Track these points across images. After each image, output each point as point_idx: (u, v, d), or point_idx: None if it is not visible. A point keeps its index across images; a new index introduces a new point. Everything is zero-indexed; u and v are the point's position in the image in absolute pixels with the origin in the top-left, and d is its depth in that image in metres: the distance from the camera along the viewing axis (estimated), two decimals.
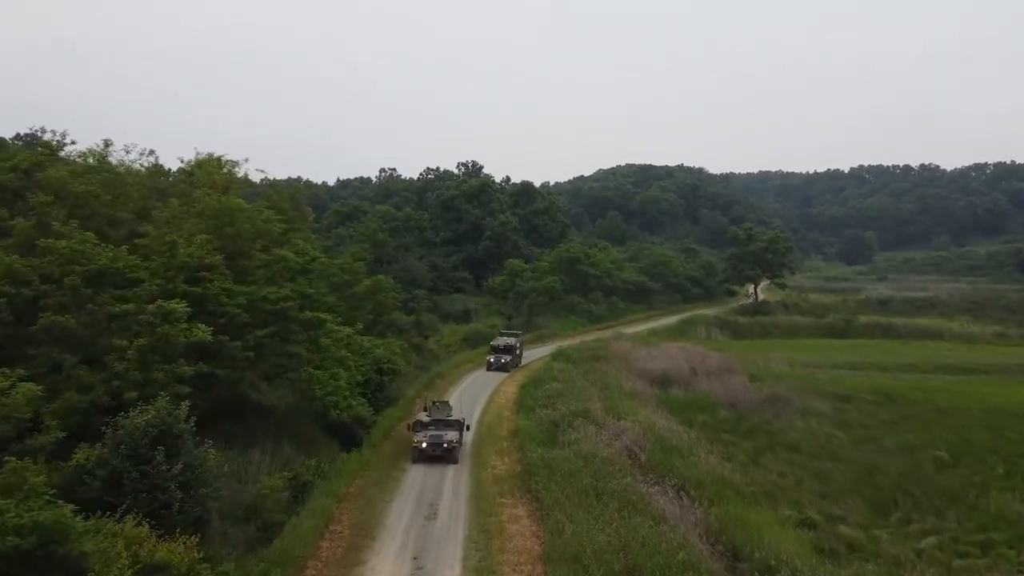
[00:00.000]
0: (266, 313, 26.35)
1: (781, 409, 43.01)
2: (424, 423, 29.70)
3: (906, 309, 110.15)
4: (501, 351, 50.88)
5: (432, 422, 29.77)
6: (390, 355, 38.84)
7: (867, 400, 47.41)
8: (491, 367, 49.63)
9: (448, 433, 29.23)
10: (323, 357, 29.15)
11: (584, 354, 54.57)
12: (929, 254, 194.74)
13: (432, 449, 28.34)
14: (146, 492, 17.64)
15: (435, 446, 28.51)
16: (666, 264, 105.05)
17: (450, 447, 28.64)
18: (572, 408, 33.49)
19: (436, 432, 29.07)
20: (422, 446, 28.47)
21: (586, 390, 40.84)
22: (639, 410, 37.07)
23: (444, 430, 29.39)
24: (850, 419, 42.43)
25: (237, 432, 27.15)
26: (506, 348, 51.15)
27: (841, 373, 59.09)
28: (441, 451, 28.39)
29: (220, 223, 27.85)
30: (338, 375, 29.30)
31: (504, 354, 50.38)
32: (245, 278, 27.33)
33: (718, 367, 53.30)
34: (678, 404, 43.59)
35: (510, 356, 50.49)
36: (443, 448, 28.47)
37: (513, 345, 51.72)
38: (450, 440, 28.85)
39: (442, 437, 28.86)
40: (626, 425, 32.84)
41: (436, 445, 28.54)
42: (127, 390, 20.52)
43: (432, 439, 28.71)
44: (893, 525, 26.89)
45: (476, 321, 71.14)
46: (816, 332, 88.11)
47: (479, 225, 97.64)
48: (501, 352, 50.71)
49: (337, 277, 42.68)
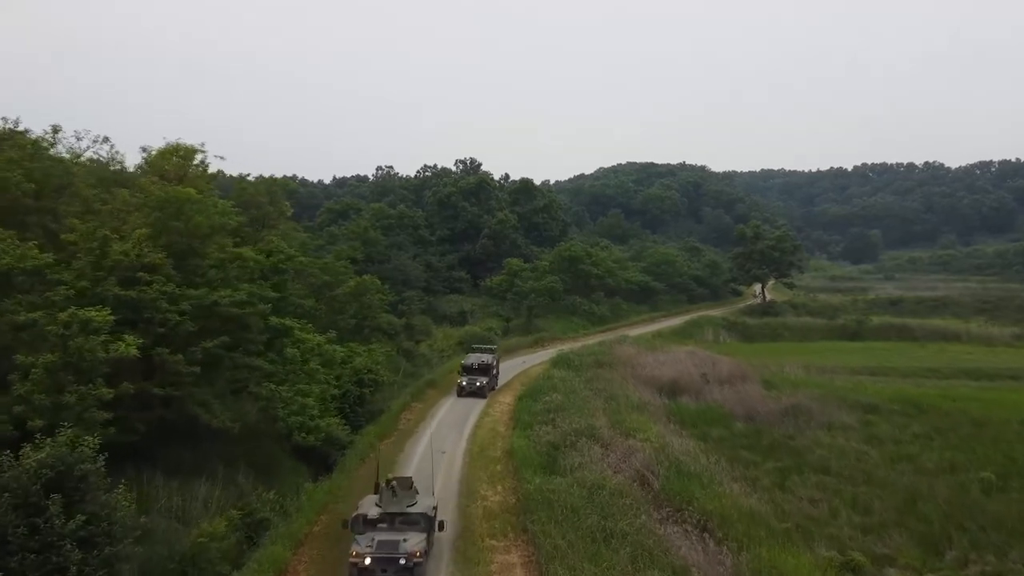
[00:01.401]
0: (219, 320, 22.56)
1: (803, 422, 39.26)
2: (369, 521, 18.11)
3: (919, 309, 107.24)
4: (475, 372, 42.15)
5: (382, 518, 18.18)
6: (372, 364, 35.01)
7: (894, 411, 43.60)
8: (463, 392, 40.87)
9: (407, 539, 17.56)
10: (289, 370, 25.32)
11: (587, 360, 50.84)
12: (936, 253, 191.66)
13: (381, 571, 17.04)
14: (36, 552, 13.92)
15: (386, 564, 17.02)
16: (670, 263, 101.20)
17: (410, 564, 17.07)
18: (574, 425, 29.67)
19: (387, 538, 17.55)
20: (364, 564, 17.03)
21: (590, 402, 37.10)
22: (649, 425, 33.31)
23: (400, 533, 17.76)
24: (880, 433, 38.66)
25: (186, 459, 23.47)
26: (481, 368, 42.49)
27: (861, 379, 55.42)
28: (395, 573, 17.05)
29: (166, 216, 24.00)
30: (306, 391, 25.47)
31: (479, 375, 41.92)
32: (195, 280, 23.52)
33: (730, 374, 49.59)
34: (690, 416, 39.93)
35: (486, 378, 42.10)
36: (399, 568, 17.03)
37: (489, 364, 43.30)
38: (409, 552, 17.15)
39: (397, 547, 17.24)
40: (636, 445, 29.09)
41: (388, 562, 17.02)
42: (32, 417, 16.75)
43: (380, 552, 17.15)
44: (949, 567, 23.13)
45: (472, 324, 67.37)
46: (828, 334, 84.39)
47: (477, 223, 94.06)
48: (475, 373, 42.03)
49: (317, 278, 38.89)
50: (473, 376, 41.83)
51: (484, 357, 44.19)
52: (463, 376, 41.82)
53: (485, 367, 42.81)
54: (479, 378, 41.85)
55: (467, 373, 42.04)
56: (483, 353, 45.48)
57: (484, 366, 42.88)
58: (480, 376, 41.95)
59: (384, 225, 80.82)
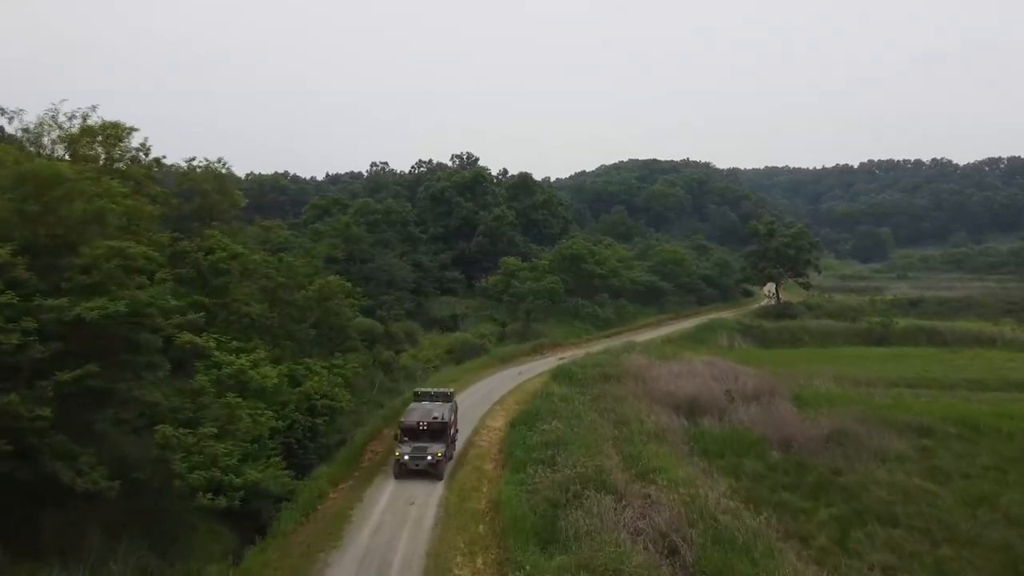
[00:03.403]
0: (88, 340, 16.29)
1: (851, 451, 32.93)
2: None
3: (941, 311, 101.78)
4: (422, 435, 26.50)
5: None
6: (327, 386, 28.54)
7: (950, 434, 37.29)
8: (402, 472, 26.05)
9: None
10: (199, 405, 19.04)
11: (591, 372, 44.60)
12: (948, 251, 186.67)
13: None
14: None
15: None
16: (678, 263, 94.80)
17: None
18: (579, 468, 23.32)
19: None
20: None
21: (596, 429, 30.82)
22: (671, 463, 27.06)
23: None
24: (943, 466, 32.35)
25: (48, 530, 17.16)
26: (431, 430, 26.63)
27: (900, 392, 49.03)
28: None
29: (17, 199, 17.72)
30: (229, 431, 19.17)
31: (429, 442, 26.38)
32: (62, 286, 17.23)
33: (756, 388, 43.20)
34: (715, 443, 33.74)
35: (440, 445, 26.44)
36: None
37: (445, 422, 27.34)
38: None
39: None
40: (657, 494, 22.80)
41: None
42: None
43: None
44: None
45: (464, 330, 61.05)
46: (851, 338, 78.11)
47: (472, 220, 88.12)
48: (422, 438, 26.45)
49: (271, 280, 32.62)
50: (420, 445, 26.05)
51: (436, 409, 27.97)
52: (403, 445, 26.32)
53: (438, 428, 26.80)
54: (429, 447, 25.96)
55: (410, 439, 26.42)
56: (434, 401, 29.24)
57: (437, 427, 26.71)
58: (431, 443, 26.27)
59: (370, 221, 74.55)
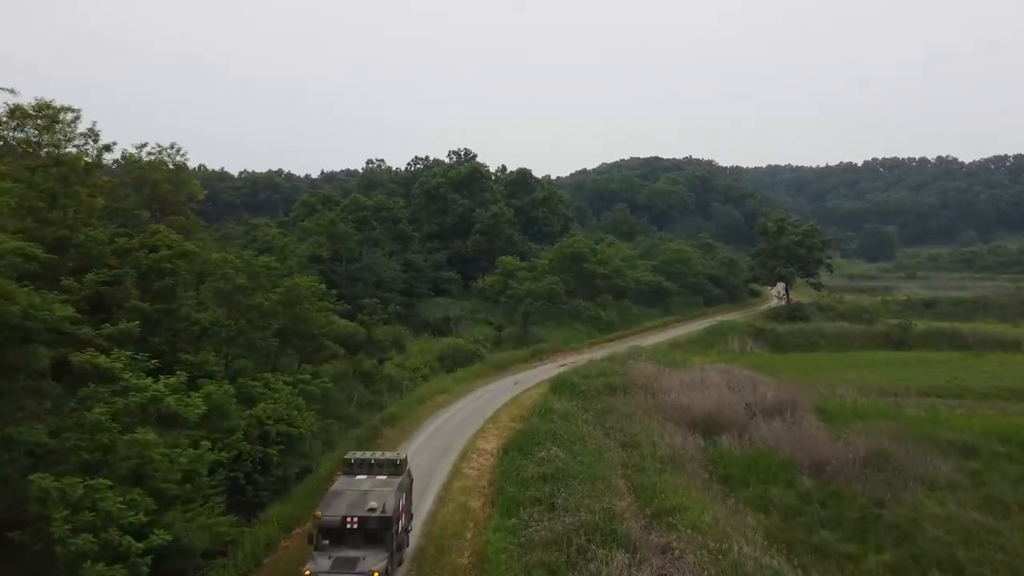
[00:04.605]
0: None
1: (892, 477, 28.83)
2: None
3: (957, 312, 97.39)
4: (350, 538, 17.40)
5: None
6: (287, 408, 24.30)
7: (999, 454, 33.25)
8: None
9: None
10: (97, 445, 14.85)
11: (595, 383, 40.40)
12: (957, 250, 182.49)
13: None
14: None
15: None
16: (684, 262, 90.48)
17: None
18: (584, 514, 19.14)
19: None
20: None
21: (602, 455, 26.67)
22: (691, 498, 22.87)
23: None
24: (998, 494, 28.28)
25: None
26: (365, 529, 17.41)
27: (932, 403, 44.78)
28: None
29: None
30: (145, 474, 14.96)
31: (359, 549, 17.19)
32: None
33: (776, 400, 39.01)
34: (737, 467, 29.67)
35: (377, 557, 17.06)
36: None
37: (383, 519, 17.55)
38: None
39: None
40: (679, 544, 18.61)
41: None
42: None
43: None
44: None
45: (457, 334, 56.81)
46: (868, 342, 73.77)
47: (468, 217, 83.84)
48: (349, 542, 17.35)
49: (229, 282, 28.43)
50: (346, 556, 17.01)
51: (376, 493, 18.28)
52: (319, 556, 17.10)
53: (376, 527, 17.48)
54: (362, 560, 16.87)
55: (332, 544, 17.38)
56: (374, 475, 19.39)
57: (374, 524, 17.46)
58: (366, 551, 17.16)
59: (358, 218, 70.25)
